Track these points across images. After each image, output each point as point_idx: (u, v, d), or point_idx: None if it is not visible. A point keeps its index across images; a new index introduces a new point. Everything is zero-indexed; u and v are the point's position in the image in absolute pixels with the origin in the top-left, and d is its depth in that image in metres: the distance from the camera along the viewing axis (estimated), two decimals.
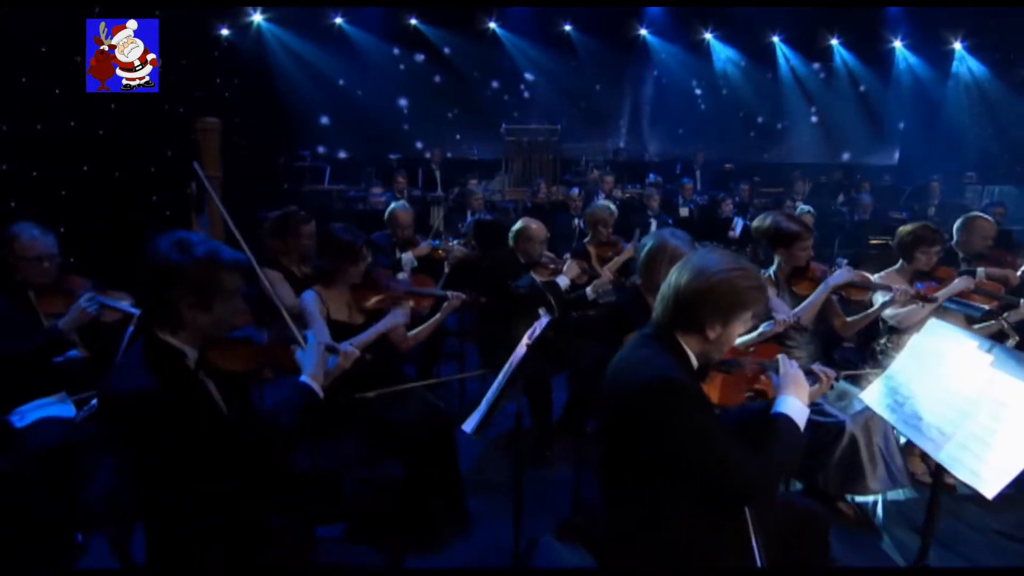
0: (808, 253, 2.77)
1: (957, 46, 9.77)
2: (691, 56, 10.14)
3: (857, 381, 2.75)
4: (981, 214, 3.74)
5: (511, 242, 3.39)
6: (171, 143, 6.12)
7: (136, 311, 2.45)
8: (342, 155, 9.14)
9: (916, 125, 10.33)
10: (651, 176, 8.65)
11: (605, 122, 10.70)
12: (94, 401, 1.92)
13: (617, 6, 9.28)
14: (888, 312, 2.91)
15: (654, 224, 5.98)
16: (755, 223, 2.88)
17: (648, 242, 2.35)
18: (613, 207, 4.12)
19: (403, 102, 10.06)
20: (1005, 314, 2.92)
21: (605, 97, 10.59)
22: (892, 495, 2.79)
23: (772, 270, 2.87)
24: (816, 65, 10.49)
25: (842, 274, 2.71)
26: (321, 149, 9.48)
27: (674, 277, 1.44)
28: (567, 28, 9.51)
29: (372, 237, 4.30)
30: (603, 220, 4.02)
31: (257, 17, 8.27)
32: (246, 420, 1.53)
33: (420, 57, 9.72)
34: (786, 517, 1.64)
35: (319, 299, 2.47)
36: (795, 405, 1.48)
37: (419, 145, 10.21)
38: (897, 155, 11.02)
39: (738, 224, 5.76)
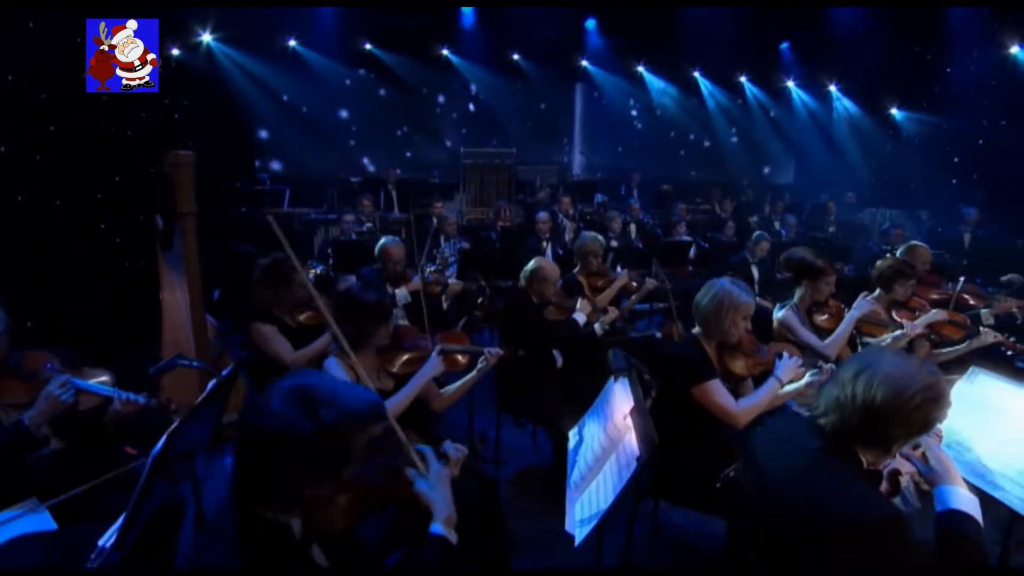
0: (831, 288, 2.71)
1: (832, 88, 10.52)
2: (628, 83, 10.27)
3: None
4: (920, 243, 3.87)
5: (522, 282, 3.06)
6: (118, 167, 5.23)
7: (120, 393, 1.89)
8: (298, 176, 8.33)
9: (808, 150, 11.02)
10: (598, 197, 8.55)
11: (551, 139, 10.60)
12: (105, 542, 1.36)
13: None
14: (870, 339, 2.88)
15: (616, 246, 5.80)
16: (784, 255, 2.79)
17: (710, 292, 2.14)
18: (601, 238, 3.91)
19: (355, 122, 9.38)
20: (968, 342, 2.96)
21: (550, 115, 10.49)
22: None
23: (794, 301, 2.77)
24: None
25: (864, 305, 2.63)
26: (258, 163, 8.62)
27: (860, 389, 1.18)
28: (515, 57, 9.26)
29: (361, 272, 3.82)
30: (593, 251, 3.83)
31: (207, 37, 7.32)
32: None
33: (370, 76, 9.09)
34: None
35: (345, 368, 2.02)
36: (968, 498, 1.26)
37: (364, 160, 9.59)
38: (793, 175, 11.76)
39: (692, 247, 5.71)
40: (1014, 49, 7.82)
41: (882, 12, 8.28)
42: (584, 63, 9.71)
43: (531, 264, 3.02)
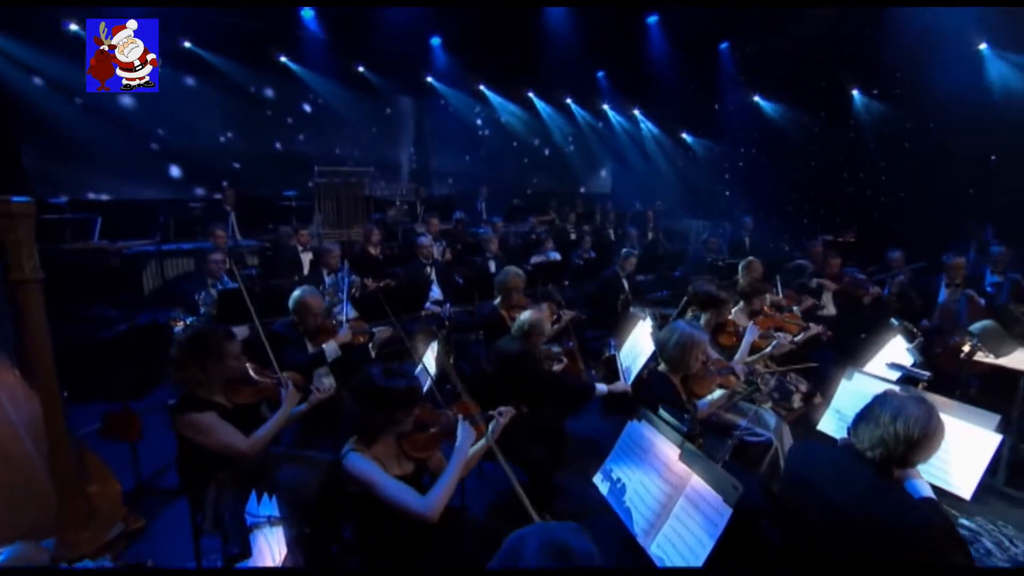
0: (729, 312, 3.27)
1: (636, 112, 12.44)
2: (472, 99, 10.66)
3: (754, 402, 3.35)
4: (754, 258, 4.89)
5: (517, 333, 3.01)
6: None
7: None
8: (105, 198, 6.61)
9: (624, 164, 12.83)
10: (457, 213, 8.58)
11: (396, 148, 10.39)
12: None
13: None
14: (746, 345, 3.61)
15: (493, 266, 5.84)
16: (692, 289, 3.27)
17: (673, 336, 2.50)
18: (522, 272, 4.05)
19: (161, 125, 7.82)
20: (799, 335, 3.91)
21: (396, 125, 10.31)
22: None
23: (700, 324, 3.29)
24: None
25: (754, 330, 3.26)
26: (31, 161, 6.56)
27: (900, 429, 1.57)
28: (360, 69, 8.79)
29: (274, 328, 3.30)
30: (516, 287, 3.97)
31: None
32: None
33: (179, 72, 7.71)
34: None
35: (369, 459, 1.82)
36: (926, 485, 1.69)
37: (171, 169, 8.14)
38: (610, 186, 13.53)
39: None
40: (756, 97, 10.35)
41: (672, 52, 10.07)
42: (430, 79, 9.72)
43: (527, 316, 2.98)
